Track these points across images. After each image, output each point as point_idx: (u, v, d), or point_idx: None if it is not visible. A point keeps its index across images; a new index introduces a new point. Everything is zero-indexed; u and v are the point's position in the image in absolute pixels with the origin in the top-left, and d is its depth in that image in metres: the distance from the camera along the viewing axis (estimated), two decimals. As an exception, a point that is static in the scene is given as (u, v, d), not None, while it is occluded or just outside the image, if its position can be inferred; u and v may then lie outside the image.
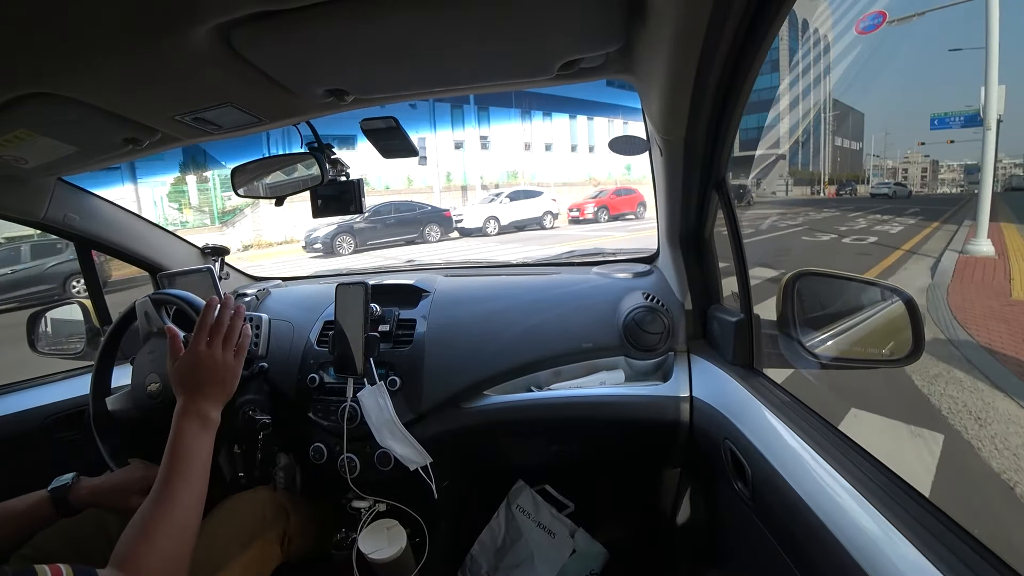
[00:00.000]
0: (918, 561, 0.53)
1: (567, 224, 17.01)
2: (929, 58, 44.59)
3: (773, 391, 0.96)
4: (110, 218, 1.48)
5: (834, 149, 47.00)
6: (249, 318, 1.31)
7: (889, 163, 73.88)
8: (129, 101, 0.88)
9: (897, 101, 47.74)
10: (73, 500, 0.95)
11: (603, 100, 25.69)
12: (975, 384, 3.25)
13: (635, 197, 18.72)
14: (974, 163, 62.90)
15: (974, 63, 17.37)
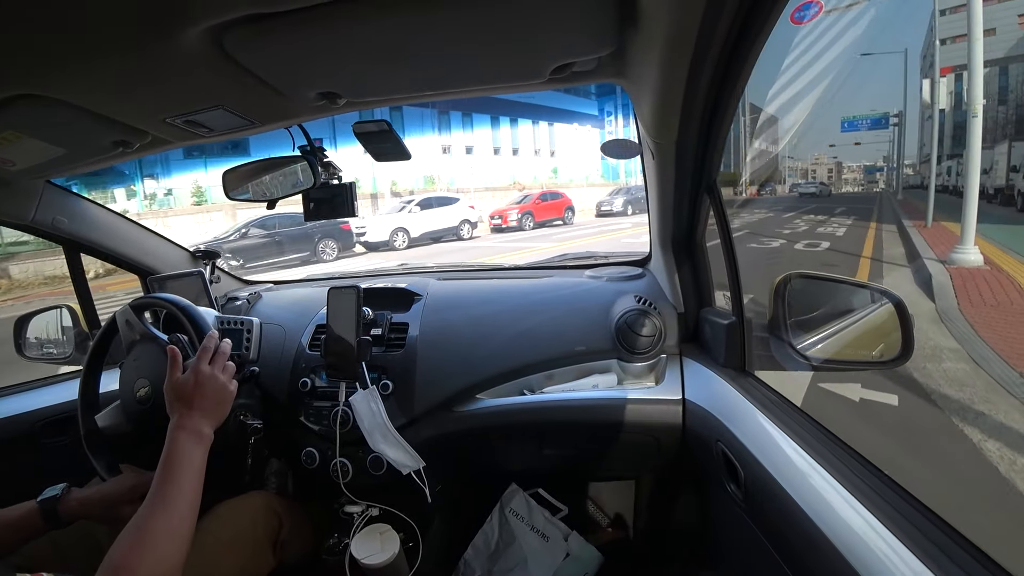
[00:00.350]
0: (909, 561, 0.53)
1: (489, 233, 15.97)
2: (842, 61, 46.03)
3: (765, 393, 0.97)
4: (99, 221, 1.47)
5: (752, 151, 48.59)
6: (240, 322, 1.30)
7: (799, 164, 75.53)
8: (119, 103, 0.87)
9: (807, 104, 49.16)
10: (62, 512, 0.93)
11: (527, 101, 25.38)
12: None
13: (562, 202, 17.96)
14: (871, 164, 63.98)
15: (887, 67, 17.74)
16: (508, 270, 1.75)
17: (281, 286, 1.81)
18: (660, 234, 1.28)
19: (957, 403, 2.95)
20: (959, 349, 3.79)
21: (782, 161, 63.10)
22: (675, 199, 1.13)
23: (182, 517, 0.77)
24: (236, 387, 0.98)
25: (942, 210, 10.99)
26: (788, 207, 23.32)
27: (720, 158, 0.98)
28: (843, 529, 0.62)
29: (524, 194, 19.02)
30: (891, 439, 2.64)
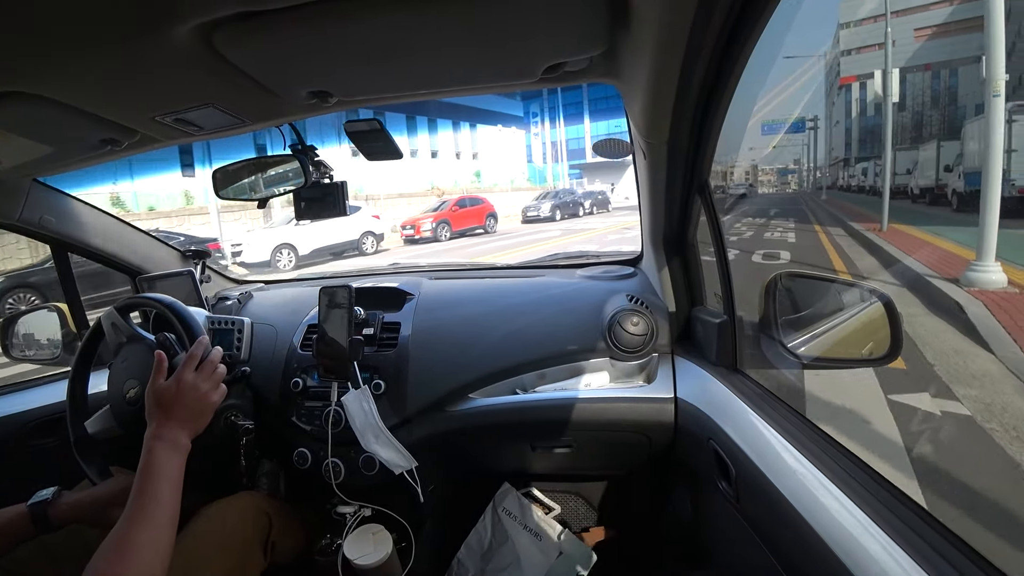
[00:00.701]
0: (899, 557, 0.54)
1: (403, 245, 14.42)
2: (762, 64, 45.48)
3: (756, 391, 0.97)
4: (87, 220, 1.45)
5: None
6: (231, 322, 1.29)
7: (719, 168, 77.18)
8: (107, 101, 0.87)
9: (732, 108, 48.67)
10: (53, 517, 0.92)
11: (447, 100, 23.47)
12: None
13: (483, 208, 16.43)
14: (783, 166, 64.57)
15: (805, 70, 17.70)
16: (500, 269, 1.75)
17: (272, 286, 1.81)
18: (652, 233, 1.29)
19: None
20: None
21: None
22: (666, 199, 1.13)
23: (161, 527, 0.76)
24: (221, 396, 0.97)
25: (873, 210, 10.88)
26: (721, 209, 23.13)
27: (711, 158, 0.99)
28: (833, 526, 0.62)
29: (442, 200, 17.47)
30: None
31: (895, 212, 9.73)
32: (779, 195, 45.59)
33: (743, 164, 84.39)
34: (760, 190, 54.78)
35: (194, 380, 0.92)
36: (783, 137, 34.57)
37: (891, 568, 0.54)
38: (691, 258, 1.25)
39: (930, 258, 6.27)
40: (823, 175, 27.17)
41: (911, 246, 7.41)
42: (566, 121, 39.61)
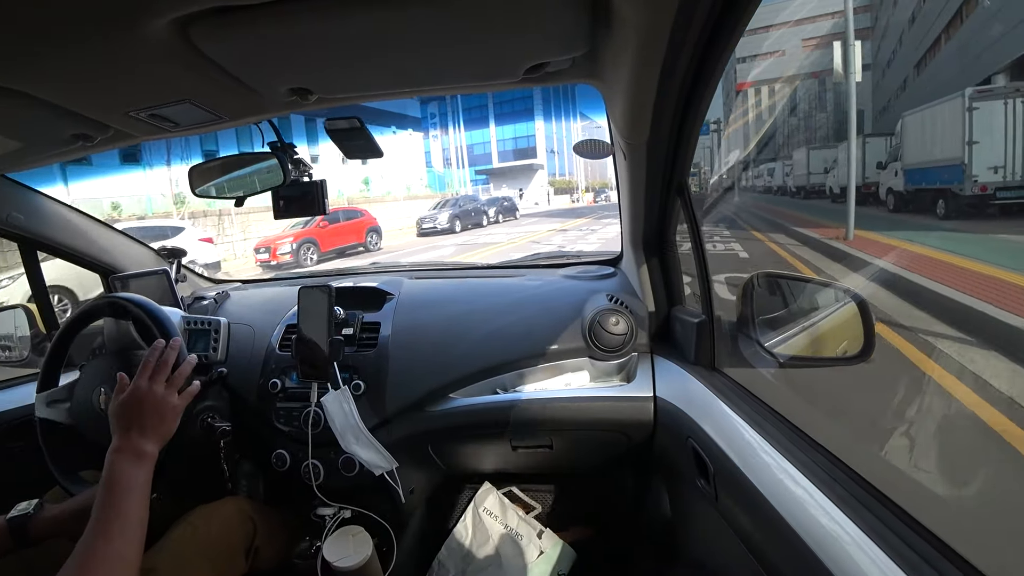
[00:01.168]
0: (871, 551, 0.55)
1: (259, 269, 11.53)
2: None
3: (734, 390, 0.99)
4: (57, 217, 1.41)
5: (585, 160, 49.47)
6: (207, 322, 1.27)
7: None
8: (80, 95, 0.84)
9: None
10: (33, 531, 0.89)
11: None
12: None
13: (362, 222, 13.62)
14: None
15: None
16: (481, 269, 1.75)
17: (249, 285, 1.78)
18: (631, 234, 1.30)
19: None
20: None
21: (610, 168, 66.52)
22: (646, 199, 1.14)
23: (127, 540, 0.74)
24: (186, 398, 0.93)
25: (803, 212, 10.04)
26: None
27: (691, 159, 1.00)
28: (809, 521, 0.63)
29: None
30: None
31: (825, 213, 9.14)
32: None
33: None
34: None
35: (149, 385, 0.89)
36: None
37: (864, 562, 0.55)
38: (670, 258, 1.26)
39: (943, 276, 4.38)
40: (725, 177, 27.33)
41: (910, 260, 5.44)
42: (470, 125, 39.19)
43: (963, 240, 5.77)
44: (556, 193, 38.88)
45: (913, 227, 7.09)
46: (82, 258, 1.49)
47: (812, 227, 8.38)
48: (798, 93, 17.58)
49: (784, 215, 12.18)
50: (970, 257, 4.87)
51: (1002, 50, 8.01)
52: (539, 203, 35.06)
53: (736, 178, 21.24)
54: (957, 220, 5.25)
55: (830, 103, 16.68)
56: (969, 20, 10.07)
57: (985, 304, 3.55)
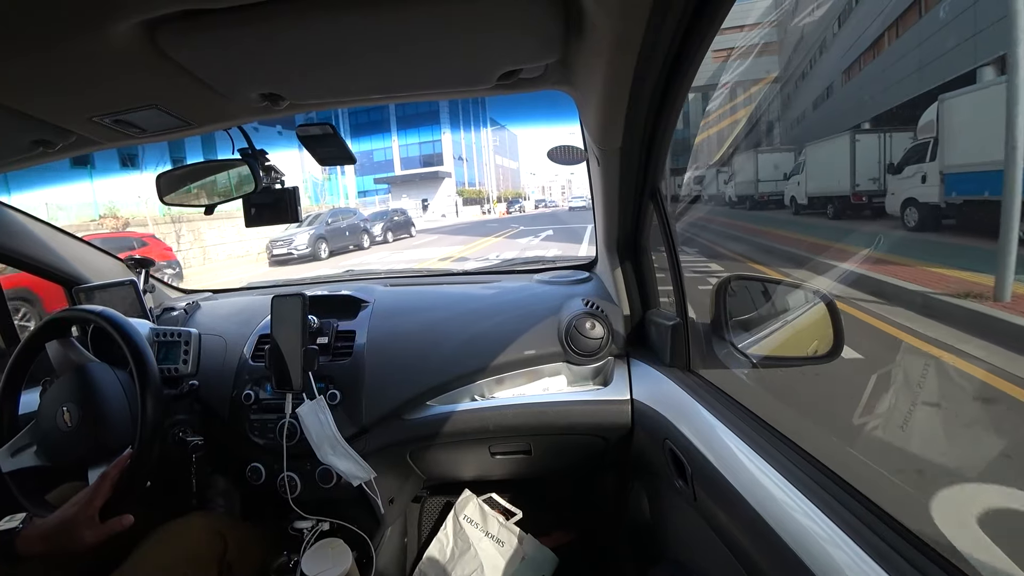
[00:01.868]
0: (848, 546, 0.57)
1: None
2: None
3: (709, 391, 1.00)
4: (16, 226, 1.36)
5: (496, 168, 45.74)
6: (177, 334, 1.24)
7: (539, 182, 73.62)
8: (40, 99, 0.82)
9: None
10: (21, 547, 0.86)
11: None
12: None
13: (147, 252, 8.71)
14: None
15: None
16: (456, 275, 1.74)
17: (220, 295, 1.74)
18: (606, 239, 1.31)
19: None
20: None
21: (524, 176, 61.39)
22: (620, 205, 1.16)
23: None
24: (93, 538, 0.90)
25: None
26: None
27: (663, 165, 1.02)
28: (786, 518, 0.65)
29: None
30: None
31: (820, 231, 6.98)
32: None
33: (558, 180, 75.64)
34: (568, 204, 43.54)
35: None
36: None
37: (840, 557, 0.56)
38: (644, 262, 1.28)
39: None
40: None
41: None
42: (369, 129, 36.03)
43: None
44: (465, 203, 35.99)
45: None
46: (44, 269, 1.44)
47: (849, 258, 5.31)
48: (707, 101, 17.53)
49: (757, 231, 9.27)
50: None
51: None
52: (446, 215, 31.99)
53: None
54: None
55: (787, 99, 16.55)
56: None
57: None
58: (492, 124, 42.07)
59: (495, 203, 38.23)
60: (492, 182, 44.01)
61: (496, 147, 48.20)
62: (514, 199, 41.20)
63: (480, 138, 43.16)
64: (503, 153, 51.33)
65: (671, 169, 10.88)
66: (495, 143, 47.34)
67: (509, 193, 45.11)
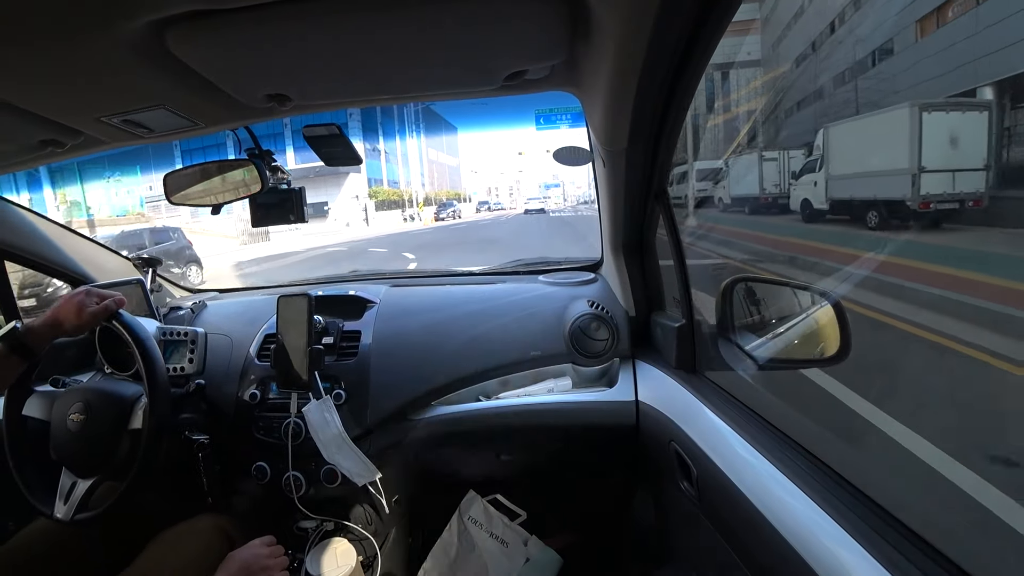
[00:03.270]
0: (853, 548, 0.56)
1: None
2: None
3: (715, 393, 1.00)
4: (26, 226, 1.37)
5: (429, 164, 37.07)
6: (183, 333, 1.25)
7: (484, 182, 66.36)
8: (49, 99, 0.82)
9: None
10: (31, 340, 0.92)
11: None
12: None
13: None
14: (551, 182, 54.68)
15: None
16: (462, 276, 1.74)
17: (226, 295, 1.75)
18: (611, 240, 1.31)
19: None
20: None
21: (465, 176, 51.59)
22: (625, 205, 1.15)
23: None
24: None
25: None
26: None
27: (669, 165, 1.01)
28: (791, 521, 0.64)
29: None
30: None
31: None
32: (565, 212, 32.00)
33: (505, 179, 69.63)
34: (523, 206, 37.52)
35: (258, 552, 0.95)
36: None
37: (846, 559, 0.56)
38: (650, 263, 1.27)
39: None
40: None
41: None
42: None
43: None
44: (380, 208, 27.39)
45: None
46: (52, 268, 1.45)
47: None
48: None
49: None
50: None
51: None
52: (351, 223, 24.05)
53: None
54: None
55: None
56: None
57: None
58: (424, 114, 32.64)
59: (421, 207, 30.31)
60: (420, 179, 35.16)
61: (429, 139, 37.84)
62: (447, 202, 33.05)
63: (407, 127, 33.43)
64: (439, 147, 41.01)
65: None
66: (426, 134, 36.56)
67: (444, 194, 37.70)
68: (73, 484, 0.97)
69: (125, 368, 1.19)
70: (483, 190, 60.80)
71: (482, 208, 37.46)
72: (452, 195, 39.06)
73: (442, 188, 39.88)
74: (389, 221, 26.26)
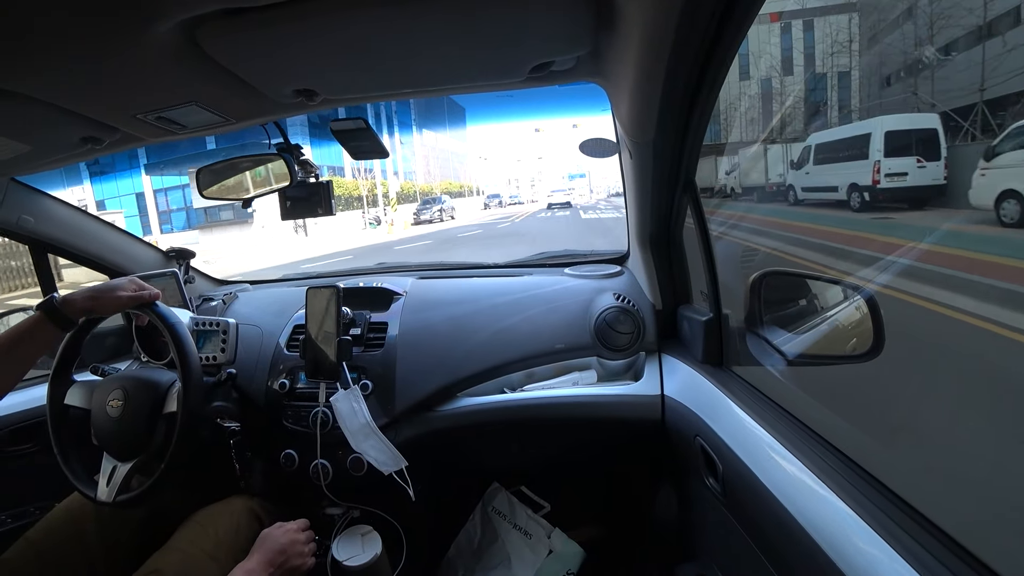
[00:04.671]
0: (883, 549, 0.55)
1: None
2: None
3: (742, 388, 0.98)
4: (67, 220, 1.43)
5: (427, 150, 30.91)
6: (215, 323, 1.28)
7: (495, 171, 59.05)
8: (88, 99, 0.85)
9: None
10: (67, 309, 0.95)
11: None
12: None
13: None
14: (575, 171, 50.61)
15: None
16: (488, 268, 1.75)
17: (257, 286, 1.79)
18: (638, 232, 1.29)
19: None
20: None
21: (473, 165, 45.63)
22: (653, 198, 1.14)
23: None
24: (310, 565, 1.03)
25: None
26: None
27: (697, 157, 0.99)
28: (820, 520, 0.63)
29: None
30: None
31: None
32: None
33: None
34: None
35: (295, 537, 1.01)
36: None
37: (877, 561, 0.54)
38: (677, 256, 1.25)
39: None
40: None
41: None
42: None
43: None
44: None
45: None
46: (91, 260, 1.51)
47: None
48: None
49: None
50: None
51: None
52: (266, 226, 17.91)
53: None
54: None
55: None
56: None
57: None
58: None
59: (393, 205, 22.74)
60: (398, 169, 26.90)
61: (425, 120, 29.76)
62: (432, 198, 24.04)
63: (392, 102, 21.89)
64: (436, 126, 32.15)
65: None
66: (422, 113, 29.46)
67: (442, 187, 28.24)
68: (114, 468, 1.00)
69: (160, 357, 1.23)
70: (500, 182, 54.10)
71: (492, 203, 29.82)
72: (455, 188, 31.34)
73: (445, 179, 31.72)
74: (347, 225, 19.85)
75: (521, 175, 63.66)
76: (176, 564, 0.93)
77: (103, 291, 0.98)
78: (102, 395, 1.04)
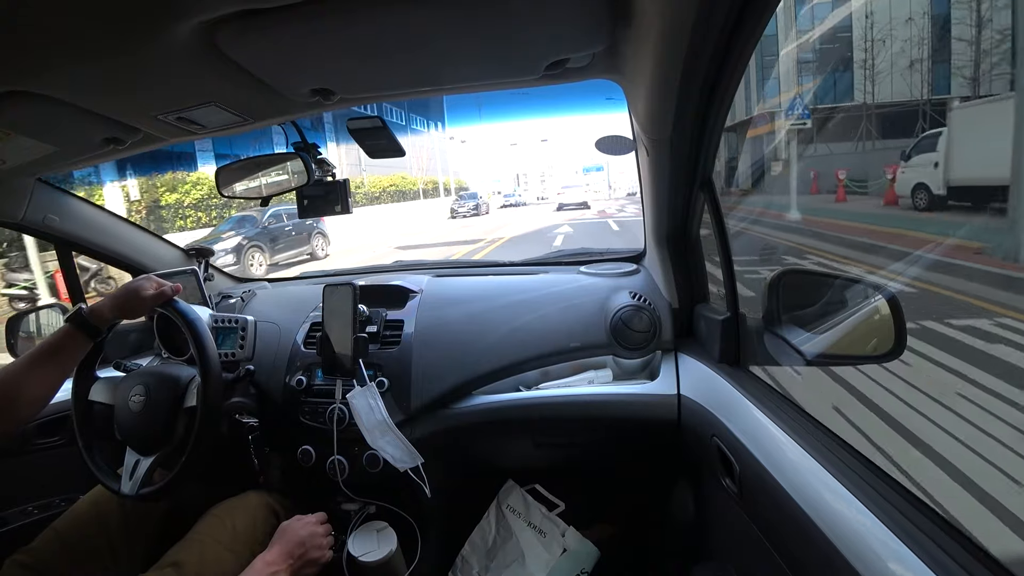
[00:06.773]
0: (901, 551, 0.54)
1: None
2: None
3: (760, 388, 0.97)
4: (91, 219, 1.46)
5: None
6: (234, 320, 1.30)
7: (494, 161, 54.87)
8: (111, 100, 0.87)
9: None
10: (94, 319, 0.97)
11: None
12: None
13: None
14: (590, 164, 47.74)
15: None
16: (504, 266, 1.75)
17: (275, 284, 1.81)
18: (655, 230, 1.28)
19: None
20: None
21: (452, 152, 39.12)
22: (669, 195, 1.13)
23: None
24: (328, 558, 1.05)
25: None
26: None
27: (715, 154, 0.98)
28: (837, 521, 0.62)
29: None
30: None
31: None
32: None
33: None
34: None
35: (314, 530, 1.03)
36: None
37: (895, 564, 0.53)
38: (694, 254, 1.24)
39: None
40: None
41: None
42: None
43: None
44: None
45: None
46: (115, 258, 1.54)
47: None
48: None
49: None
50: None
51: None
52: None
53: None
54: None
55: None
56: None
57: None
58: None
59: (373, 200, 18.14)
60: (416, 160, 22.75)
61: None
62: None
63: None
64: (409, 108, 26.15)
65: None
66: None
67: (390, 182, 22.49)
68: (136, 462, 1.02)
69: (181, 353, 1.25)
70: (501, 176, 46.96)
71: (464, 207, 21.82)
72: (430, 184, 24.95)
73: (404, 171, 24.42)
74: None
75: (531, 170, 56.05)
76: (195, 555, 0.95)
77: (127, 297, 1.00)
78: (124, 391, 1.06)
